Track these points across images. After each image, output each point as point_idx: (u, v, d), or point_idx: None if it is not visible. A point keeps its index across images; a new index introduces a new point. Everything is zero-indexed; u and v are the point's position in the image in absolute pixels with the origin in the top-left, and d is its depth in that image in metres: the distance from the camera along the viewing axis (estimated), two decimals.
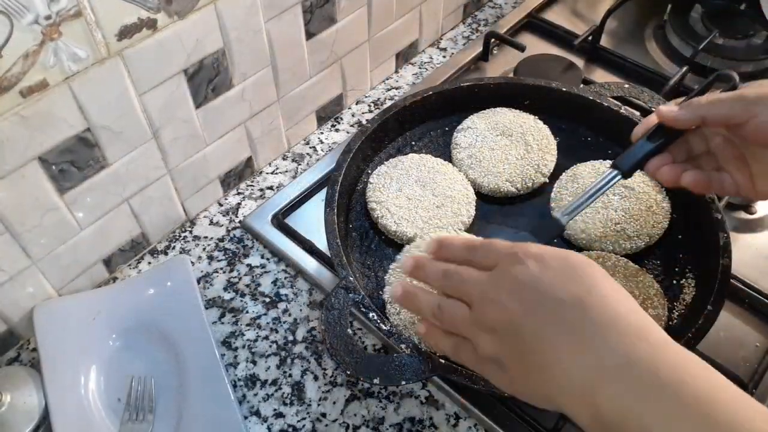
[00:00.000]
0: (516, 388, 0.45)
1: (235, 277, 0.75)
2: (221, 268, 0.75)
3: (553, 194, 0.73)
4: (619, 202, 0.70)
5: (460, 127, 0.79)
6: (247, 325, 0.71)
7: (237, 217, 0.80)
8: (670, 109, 0.56)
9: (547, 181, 0.75)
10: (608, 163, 0.74)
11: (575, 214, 0.60)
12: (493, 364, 0.46)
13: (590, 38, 0.97)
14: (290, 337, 0.70)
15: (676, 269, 0.68)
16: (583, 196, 0.60)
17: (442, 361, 0.56)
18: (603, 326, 0.40)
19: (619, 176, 0.60)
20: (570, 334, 0.41)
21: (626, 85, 0.78)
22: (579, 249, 0.70)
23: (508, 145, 0.76)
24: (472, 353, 0.47)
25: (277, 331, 0.70)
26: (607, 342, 0.40)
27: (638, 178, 0.72)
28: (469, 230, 0.72)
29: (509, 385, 0.46)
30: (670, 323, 0.63)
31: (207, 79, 0.68)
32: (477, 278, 0.46)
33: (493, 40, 0.98)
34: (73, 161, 0.61)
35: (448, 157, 0.77)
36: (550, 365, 0.42)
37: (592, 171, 0.73)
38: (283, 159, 0.87)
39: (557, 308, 0.42)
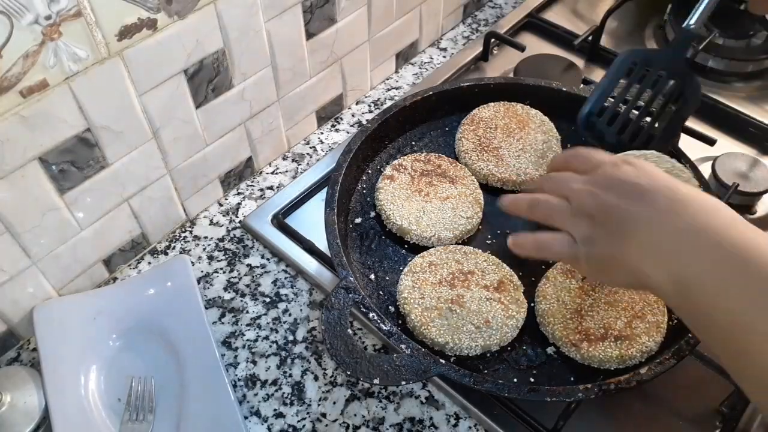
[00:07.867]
0: (603, 266, 0.52)
1: (235, 277, 0.75)
2: (221, 268, 0.75)
3: None
4: None
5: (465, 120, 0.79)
6: (247, 325, 0.71)
7: (237, 217, 0.80)
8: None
9: None
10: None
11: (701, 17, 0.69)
12: (585, 245, 0.52)
13: (590, 38, 0.97)
14: (290, 337, 0.70)
15: None
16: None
17: (442, 360, 0.56)
18: (682, 202, 0.47)
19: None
20: (655, 209, 0.48)
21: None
22: None
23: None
24: (566, 241, 0.53)
25: (277, 331, 0.70)
26: (687, 210, 0.47)
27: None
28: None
29: (598, 263, 0.52)
30: (671, 323, 0.63)
31: (207, 79, 0.68)
32: (577, 177, 0.54)
33: (493, 40, 0.97)
34: (73, 161, 0.61)
35: (450, 155, 0.78)
36: (636, 231, 0.48)
37: None
38: (283, 159, 0.87)
39: (645, 194, 0.49)
